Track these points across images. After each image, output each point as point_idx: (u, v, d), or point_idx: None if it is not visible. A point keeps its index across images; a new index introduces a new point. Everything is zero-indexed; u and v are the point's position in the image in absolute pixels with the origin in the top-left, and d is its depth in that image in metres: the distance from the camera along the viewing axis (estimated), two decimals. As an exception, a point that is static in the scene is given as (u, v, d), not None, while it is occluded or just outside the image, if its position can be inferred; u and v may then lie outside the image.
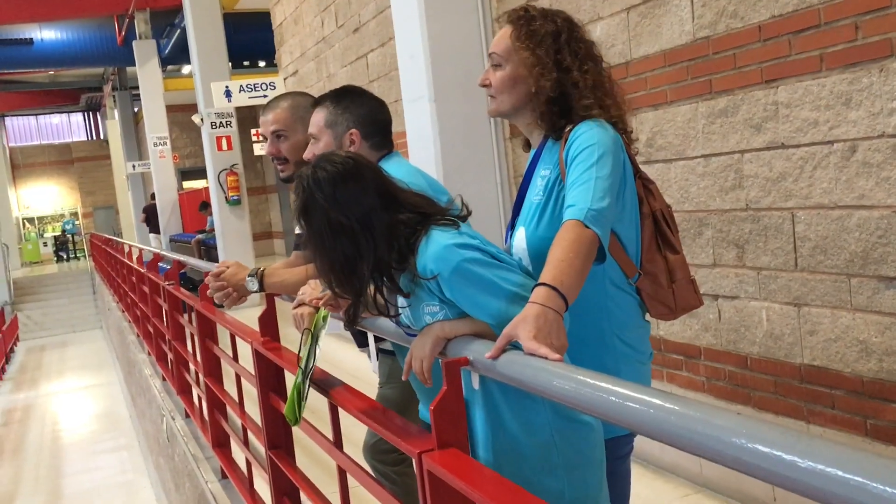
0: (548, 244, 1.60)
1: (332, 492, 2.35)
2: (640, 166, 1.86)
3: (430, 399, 2.23)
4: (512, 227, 1.84)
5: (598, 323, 1.74)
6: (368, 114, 2.23)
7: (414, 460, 1.48)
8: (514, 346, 1.40)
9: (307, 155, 2.25)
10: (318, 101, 2.27)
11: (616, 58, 3.39)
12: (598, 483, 1.64)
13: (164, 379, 6.52)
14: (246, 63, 15.96)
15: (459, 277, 1.53)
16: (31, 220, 31.22)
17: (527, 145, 1.97)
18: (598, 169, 1.64)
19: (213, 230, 11.75)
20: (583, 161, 1.66)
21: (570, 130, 1.73)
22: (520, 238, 1.80)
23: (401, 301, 1.66)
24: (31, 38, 17.16)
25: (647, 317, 1.85)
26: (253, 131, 12.69)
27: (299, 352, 2.04)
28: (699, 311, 3.02)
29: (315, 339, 2.00)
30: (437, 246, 1.55)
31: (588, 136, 1.69)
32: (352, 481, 2.10)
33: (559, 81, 1.75)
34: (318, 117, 2.22)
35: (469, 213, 1.70)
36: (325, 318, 1.98)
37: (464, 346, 1.51)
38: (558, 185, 1.75)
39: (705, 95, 3.03)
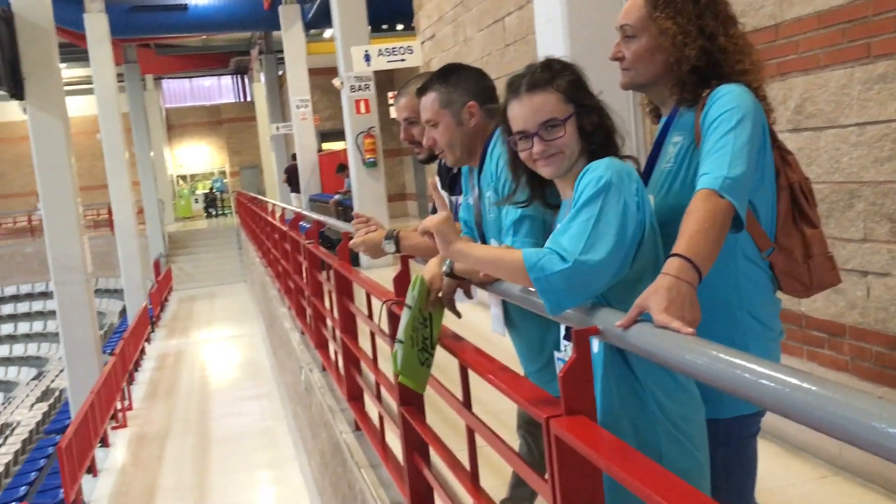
0: (677, 213, 1.57)
1: (459, 450, 2.42)
2: (788, 134, 1.79)
3: (526, 357, 2.27)
4: None
5: (727, 297, 1.70)
6: (477, 83, 2.24)
7: (542, 425, 1.51)
8: (646, 317, 1.40)
9: (426, 141, 2.28)
10: (422, 89, 2.28)
11: (765, 20, 3.23)
12: (704, 457, 1.65)
13: (302, 333, 6.84)
14: (384, 27, 16.21)
15: (598, 191, 1.57)
16: (183, 178, 33.17)
17: (655, 115, 1.92)
18: (736, 134, 1.59)
19: (349, 191, 12.11)
20: (721, 125, 1.61)
21: (708, 95, 1.68)
22: None
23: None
24: (186, 4, 18.11)
25: (780, 293, 1.79)
26: (389, 94, 12.92)
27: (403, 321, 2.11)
28: (845, 287, 2.88)
29: (420, 310, 2.06)
30: (611, 161, 1.62)
31: (728, 100, 1.64)
32: (479, 442, 2.16)
33: (704, 49, 1.70)
34: (430, 101, 2.22)
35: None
36: (419, 284, 2.04)
37: (594, 314, 1.52)
38: (691, 153, 1.70)
39: (862, 59, 2.84)
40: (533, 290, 1.59)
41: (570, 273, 1.52)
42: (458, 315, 2.24)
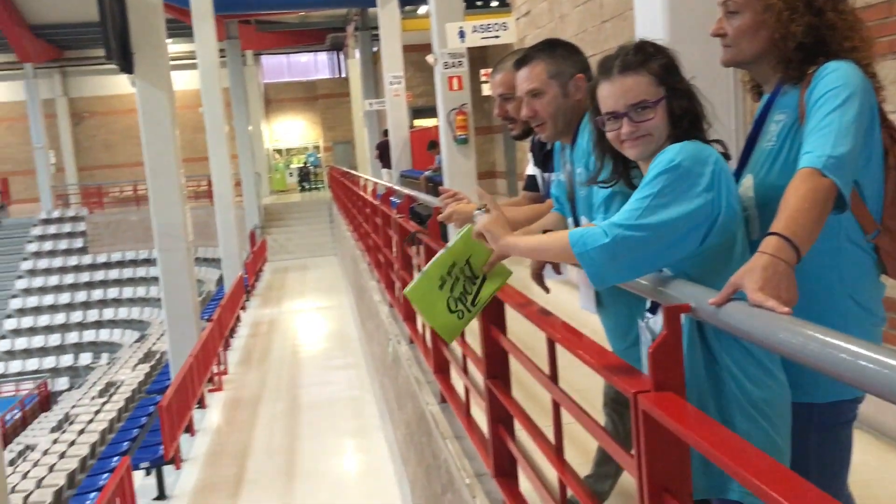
0: (779, 192, 1.54)
1: (545, 426, 2.45)
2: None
3: (613, 335, 2.26)
4: (737, 176, 1.78)
5: (828, 279, 1.65)
6: (582, 58, 2.25)
7: (630, 400, 1.52)
8: (740, 296, 1.39)
9: (525, 113, 2.28)
10: (523, 60, 2.28)
11: (879, -5, 3.09)
12: (784, 442, 1.64)
13: (391, 306, 6.97)
14: (479, 3, 16.15)
15: (662, 171, 1.59)
16: (279, 152, 34.01)
17: (756, 93, 1.88)
18: (842, 112, 1.54)
19: (440, 168, 12.19)
20: (826, 103, 1.57)
21: (814, 72, 1.63)
22: (746, 187, 1.74)
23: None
24: (286, -19, 18.49)
25: (884, 278, 1.73)
26: (482, 71, 12.90)
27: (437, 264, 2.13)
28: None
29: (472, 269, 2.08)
30: (686, 145, 1.63)
31: (835, 77, 1.59)
32: (565, 419, 2.18)
33: (811, 25, 1.65)
34: (537, 71, 2.22)
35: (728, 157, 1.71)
36: (464, 232, 2.06)
37: (686, 291, 1.52)
38: (795, 131, 1.66)
39: (985, 37, 2.69)
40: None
41: (611, 248, 1.57)
42: (546, 290, 2.25)
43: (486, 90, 12.83)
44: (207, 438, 9.18)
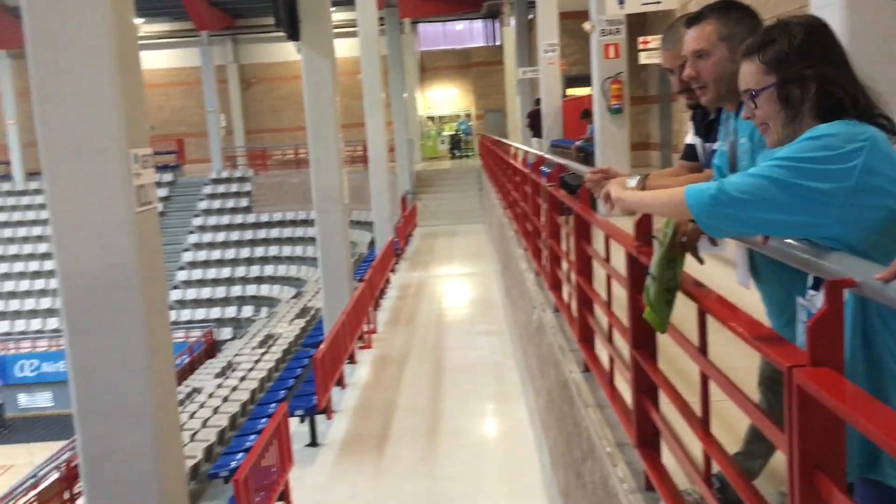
0: None
1: (691, 401, 2.42)
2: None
3: (770, 311, 2.19)
4: None
5: None
6: (757, 23, 2.16)
7: (784, 374, 1.49)
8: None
9: (687, 73, 2.22)
10: (695, 18, 2.21)
11: None
12: None
13: (537, 274, 7.00)
14: (640, -32, 15.62)
15: (798, 144, 1.61)
16: (432, 119, 34.53)
17: None
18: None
19: (591, 138, 12.01)
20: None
21: None
22: None
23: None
24: (445, -51, 18.59)
25: None
26: (640, 39, 12.53)
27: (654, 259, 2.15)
28: None
29: (668, 249, 2.07)
30: (830, 126, 1.62)
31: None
32: (713, 396, 2.15)
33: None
34: (709, 31, 2.16)
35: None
36: (669, 225, 2.05)
37: (850, 265, 1.47)
38: None
39: None
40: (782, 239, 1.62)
41: (716, 199, 1.67)
42: (701, 261, 2.22)
43: (644, 59, 12.48)
44: (357, 392, 9.61)
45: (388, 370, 10.43)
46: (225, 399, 12.73)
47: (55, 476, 13.84)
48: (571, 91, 19.46)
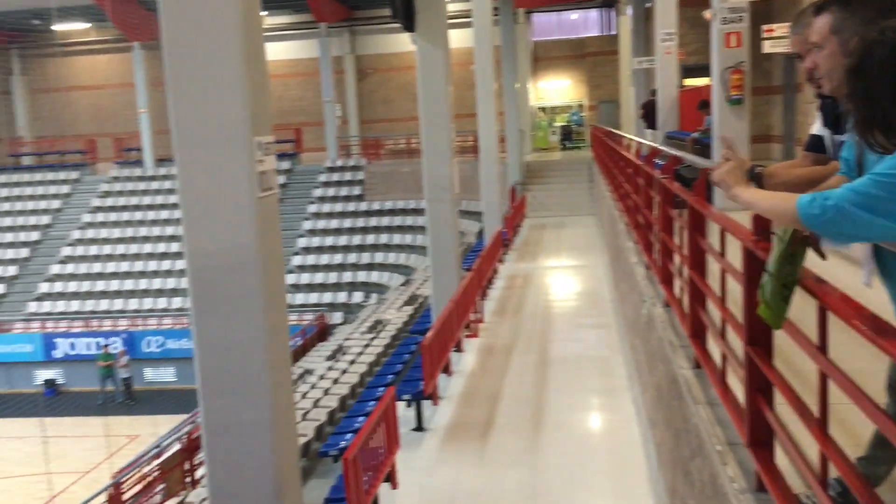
0: None
1: (808, 402, 2.35)
2: None
3: None
4: None
5: None
6: (877, 17, 2.04)
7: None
8: None
9: (805, 64, 2.17)
10: (819, 8, 2.14)
11: None
12: None
13: (647, 268, 6.89)
14: (766, -47, 15.01)
15: None
16: (543, 110, 34.30)
17: None
18: None
19: (709, 129, 11.66)
20: None
21: None
22: None
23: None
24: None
25: None
26: (764, 27, 12.06)
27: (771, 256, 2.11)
28: None
29: (788, 244, 2.03)
30: None
31: None
32: (832, 399, 2.09)
33: None
34: (821, 23, 2.09)
35: None
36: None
37: None
38: None
39: None
40: None
41: (825, 212, 1.74)
42: (823, 257, 2.16)
43: (768, 48, 12.01)
44: (462, 380, 9.72)
45: (493, 359, 10.50)
46: (335, 381, 13.11)
47: (177, 447, 14.64)
48: (689, 81, 18.94)
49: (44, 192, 31.75)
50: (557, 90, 34.16)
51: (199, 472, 13.39)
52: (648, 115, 17.40)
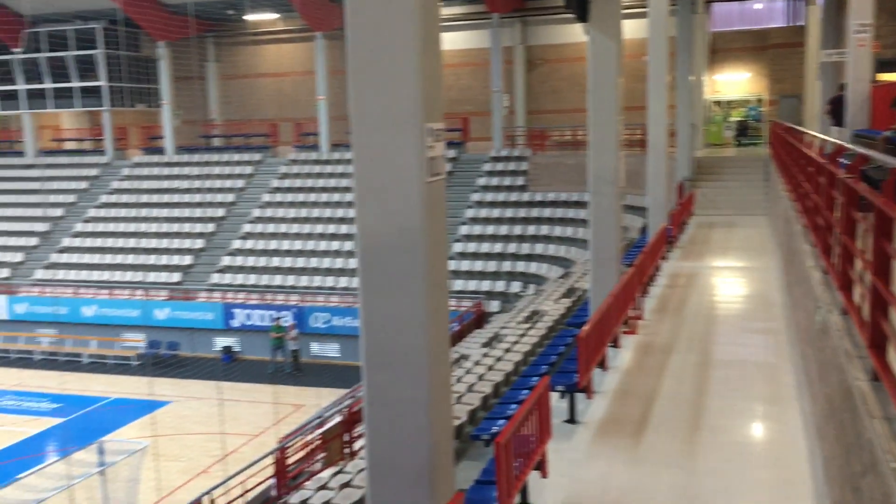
0: None
1: None
2: None
3: None
4: None
5: None
6: None
7: None
8: None
9: None
10: None
11: None
12: None
13: (825, 272, 6.51)
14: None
15: None
16: (718, 104, 32.91)
17: None
18: None
19: (904, 128, 10.77)
20: None
21: None
22: None
23: None
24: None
25: None
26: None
27: None
28: None
29: None
30: None
31: None
32: None
33: None
34: None
35: None
36: None
37: None
38: None
39: None
40: None
41: None
42: None
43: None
44: (618, 376, 9.59)
45: (651, 357, 10.27)
46: (490, 368, 13.29)
47: (338, 419, 15.38)
48: (883, 76, 17.57)
49: (230, 172, 34.11)
50: (735, 84, 32.64)
51: (357, 445, 14.01)
52: (836, 111, 16.29)
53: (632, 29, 28.01)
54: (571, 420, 8.30)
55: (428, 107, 5.23)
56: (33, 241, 33.06)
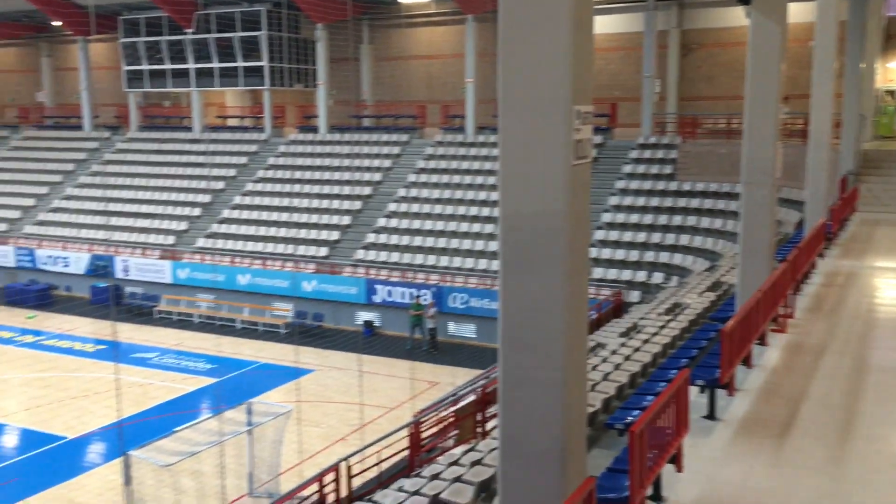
0: None
1: None
2: None
3: None
4: None
5: None
6: None
7: None
8: None
9: None
10: None
11: None
12: None
13: None
14: None
15: None
16: (891, 94, 30.61)
17: None
18: None
19: None
20: None
21: None
22: None
23: None
24: None
25: None
26: None
27: None
28: None
29: None
30: None
31: None
32: None
33: None
34: None
35: None
36: None
37: None
38: None
39: None
40: None
41: None
42: None
43: None
44: (763, 375, 9.20)
45: (801, 358, 9.78)
46: (627, 358, 13.06)
47: (471, 398, 15.59)
48: None
49: (378, 152, 35.08)
50: (910, 72, 30.24)
51: (489, 425, 14.17)
52: None
53: (798, 12, 26.49)
54: (710, 416, 8.05)
55: (577, 89, 5.20)
56: (196, 211, 35.31)
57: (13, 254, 35.45)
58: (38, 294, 33.11)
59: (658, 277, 25.59)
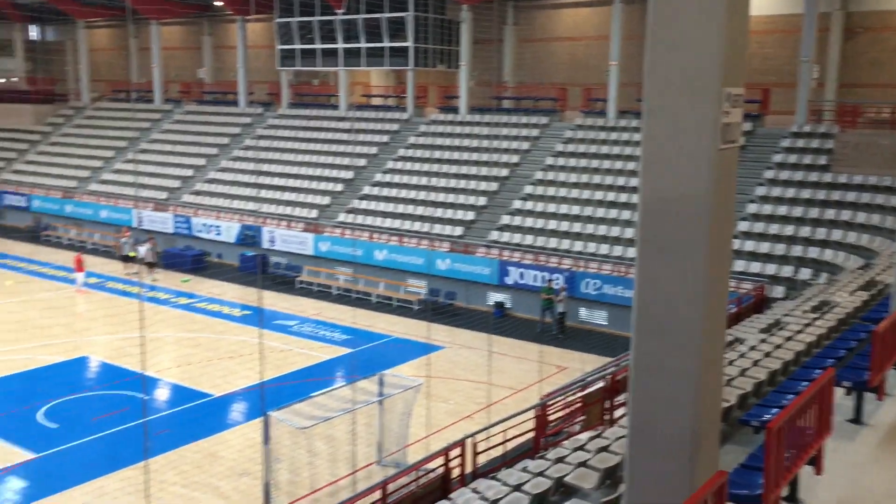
0: None
1: None
2: None
3: None
4: None
5: None
6: None
7: None
8: None
9: None
10: None
11: None
12: None
13: None
14: None
15: None
16: None
17: None
18: None
19: None
20: None
21: None
22: None
23: None
24: None
25: None
26: None
27: None
28: None
29: None
30: None
31: None
32: None
33: None
34: None
35: None
36: None
37: None
38: None
39: None
40: None
41: None
42: None
43: None
44: (918, 381, 8.62)
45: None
46: (767, 354, 12.51)
47: (600, 385, 15.42)
48: None
49: (517, 134, 35.02)
50: None
51: (617, 413, 13.99)
52: None
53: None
54: (856, 420, 7.64)
55: (729, 70, 5.02)
56: (339, 186, 36.52)
57: (172, 221, 37.95)
58: (193, 259, 35.33)
59: (805, 273, 24.31)
